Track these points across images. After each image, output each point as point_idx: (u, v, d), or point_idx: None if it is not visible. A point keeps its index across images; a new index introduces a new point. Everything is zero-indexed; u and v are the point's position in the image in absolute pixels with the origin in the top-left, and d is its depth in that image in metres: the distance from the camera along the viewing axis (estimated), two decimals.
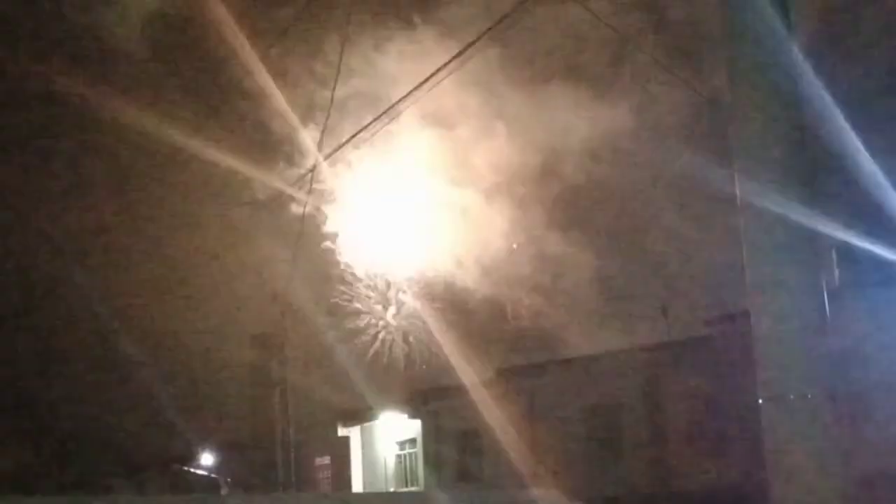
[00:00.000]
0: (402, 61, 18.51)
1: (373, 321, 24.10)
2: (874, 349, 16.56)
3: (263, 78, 19.36)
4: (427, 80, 11.48)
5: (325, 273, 23.22)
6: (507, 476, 25.19)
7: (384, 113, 13.79)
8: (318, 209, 22.17)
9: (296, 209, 22.22)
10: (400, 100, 12.85)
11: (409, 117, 17.68)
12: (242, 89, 21.66)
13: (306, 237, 22.50)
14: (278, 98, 20.39)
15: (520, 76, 18.04)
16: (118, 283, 22.61)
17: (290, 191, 21.19)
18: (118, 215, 23.94)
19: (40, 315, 27.08)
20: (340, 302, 23.95)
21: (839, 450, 4.88)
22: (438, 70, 11.29)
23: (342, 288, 23.80)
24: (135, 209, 23.83)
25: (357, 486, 31.72)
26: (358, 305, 23.86)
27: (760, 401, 4.96)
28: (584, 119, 16.85)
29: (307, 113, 20.86)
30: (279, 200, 21.65)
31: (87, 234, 23.02)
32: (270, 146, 22.25)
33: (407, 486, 30.44)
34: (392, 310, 24.46)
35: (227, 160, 21.70)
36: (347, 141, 14.49)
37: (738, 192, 5.07)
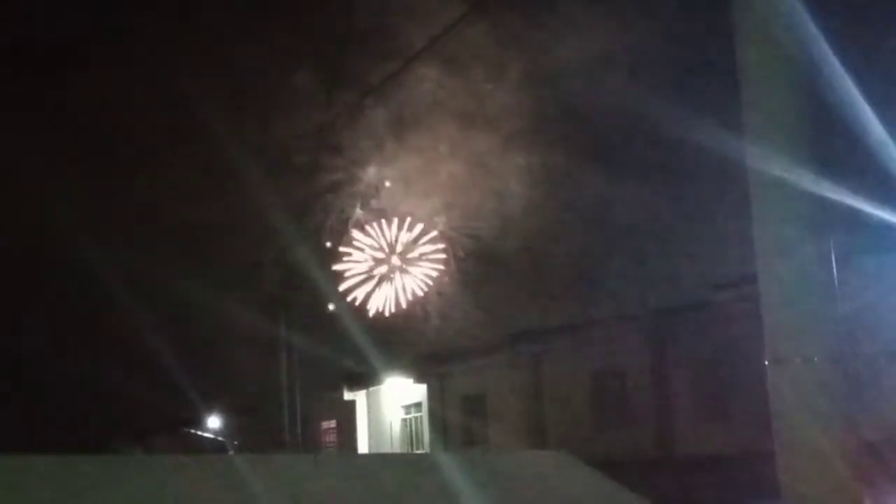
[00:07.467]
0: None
1: (385, 276, 23.65)
2: (881, 314, 16.55)
3: None
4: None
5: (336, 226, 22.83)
6: (513, 439, 25.29)
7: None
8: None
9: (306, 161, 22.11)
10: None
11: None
12: None
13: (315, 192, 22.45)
14: None
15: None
16: (126, 248, 22.56)
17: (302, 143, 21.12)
18: (127, 181, 23.81)
19: (47, 280, 27.12)
20: (351, 257, 23.58)
21: (844, 414, 4.88)
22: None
23: (355, 241, 23.36)
24: (144, 179, 23.70)
25: (363, 449, 31.89)
26: (369, 257, 23.40)
27: (766, 363, 4.96)
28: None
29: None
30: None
31: (94, 200, 22.96)
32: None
33: (412, 449, 30.58)
34: (412, 270, 23.96)
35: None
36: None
37: (747, 156, 5.05)
